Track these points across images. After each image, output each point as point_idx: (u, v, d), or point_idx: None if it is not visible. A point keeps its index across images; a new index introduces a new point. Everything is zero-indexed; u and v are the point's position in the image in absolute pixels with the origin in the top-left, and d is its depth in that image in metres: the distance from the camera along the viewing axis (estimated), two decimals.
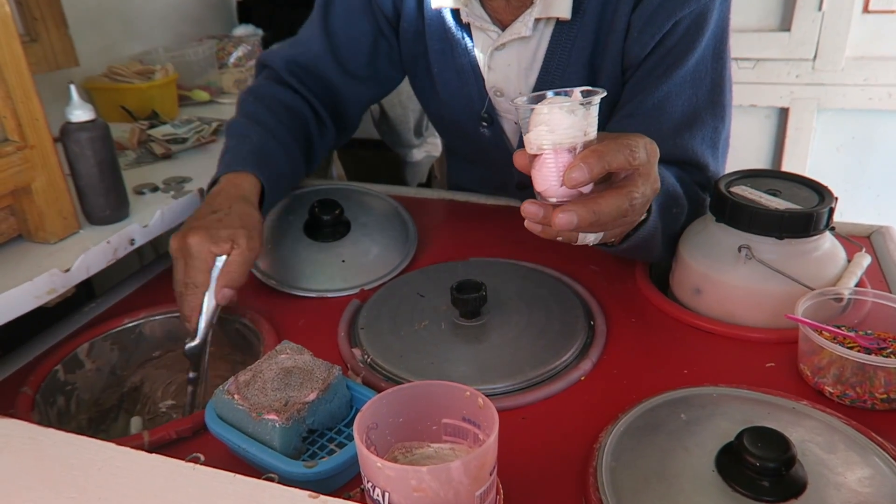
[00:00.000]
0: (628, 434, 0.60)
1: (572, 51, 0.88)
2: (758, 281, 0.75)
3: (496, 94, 0.96)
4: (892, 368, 0.62)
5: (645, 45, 0.82)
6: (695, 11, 0.80)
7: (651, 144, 0.63)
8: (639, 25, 0.82)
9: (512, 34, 0.89)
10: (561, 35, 0.88)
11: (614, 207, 0.59)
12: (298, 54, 1.02)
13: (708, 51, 0.83)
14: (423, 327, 0.78)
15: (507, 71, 0.93)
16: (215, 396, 0.61)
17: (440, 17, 0.95)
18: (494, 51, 0.92)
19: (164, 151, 1.16)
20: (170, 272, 0.96)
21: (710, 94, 0.84)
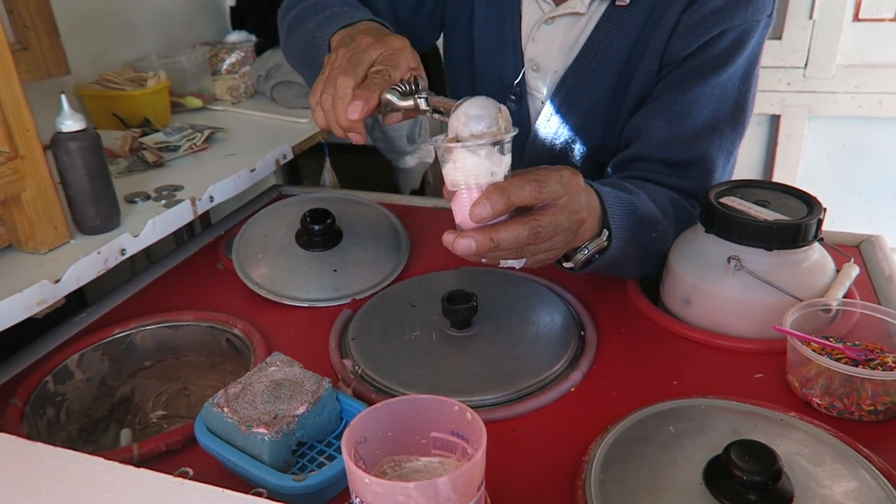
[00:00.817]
0: (617, 446, 0.60)
1: (617, 36, 0.89)
2: (747, 292, 0.75)
3: (532, 67, 0.97)
4: (880, 380, 0.62)
5: (689, 44, 0.85)
6: (741, 27, 0.83)
7: (572, 178, 0.66)
8: (688, 24, 0.84)
9: (566, 8, 0.90)
10: (610, 19, 0.89)
11: (513, 235, 0.61)
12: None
13: (740, 69, 0.86)
14: (414, 338, 0.78)
15: (550, 46, 0.94)
16: (205, 409, 0.61)
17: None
18: (543, 23, 0.93)
19: (156, 159, 1.16)
20: (161, 281, 0.97)
21: (732, 110, 0.87)
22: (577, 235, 0.69)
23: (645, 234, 0.79)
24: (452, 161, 0.60)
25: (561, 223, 0.64)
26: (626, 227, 0.75)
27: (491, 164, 0.60)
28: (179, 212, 0.97)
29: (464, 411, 0.50)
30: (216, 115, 1.52)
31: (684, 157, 0.87)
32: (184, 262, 1.03)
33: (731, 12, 0.83)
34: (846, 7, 1.71)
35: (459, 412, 0.51)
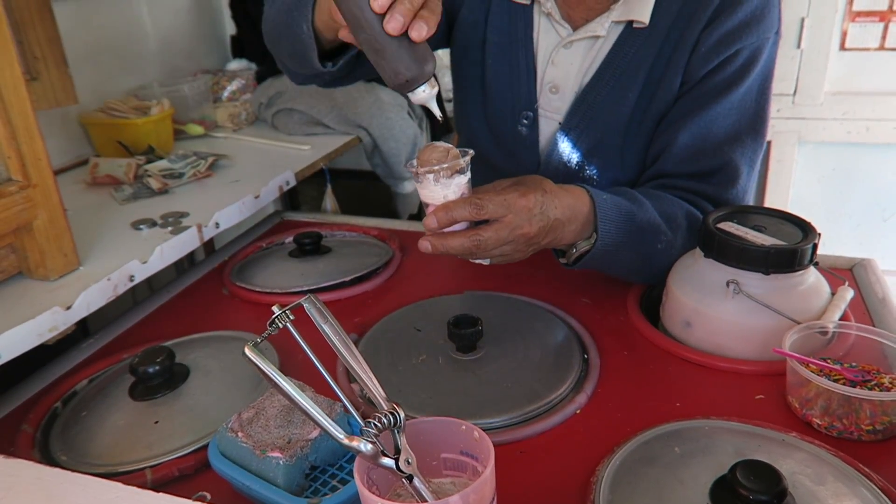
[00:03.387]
0: (624, 467, 0.61)
1: (636, 57, 0.93)
2: (746, 315, 0.77)
3: (551, 90, 0.99)
4: (878, 401, 0.64)
5: (708, 63, 0.90)
6: (754, 44, 0.89)
7: (517, 199, 0.75)
8: (707, 44, 0.89)
9: (586, 32, 0.93)
10: (628, 39, 0.93)
11: (458, 244, 0.74)
12: None
13: (755, 84, 0.92)
14: (420, 361, 0.80)
15: (569, 69, 0.97)
16: (218, 434, 0.62)
17: (507, 9, 0.99)
18: (562, 47, 0.96)
19: (161, 186, 1.17)
20: (165, 308, 0.98)
21: (752, 120, 0.93)
22: (536, 244, 0.79)
23: (644, 242, 0.85)
24: (419, 185, 0.76)
25: (502, 237, 0.75)
26: (618, 232, 0.82)
27: (442, 187, 0.74)
28: (186, 238, 0.99)
29: (471, 430, 0.51)
30: (218, 142, 1.54)
31: (709, 166, 0.92)
32: (188, 289, 1.04)
33: (745, 31, 0.88)
34: (833, 37, 1.76)
35: (467, 431, 0.52)
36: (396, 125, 1.71)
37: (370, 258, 1.05)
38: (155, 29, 1.65)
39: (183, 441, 0.68)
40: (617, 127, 0.97)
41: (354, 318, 0.91)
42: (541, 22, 0.98)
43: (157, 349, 0.76)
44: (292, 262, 1.05)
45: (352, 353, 0.53)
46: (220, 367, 0.80)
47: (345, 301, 0.96)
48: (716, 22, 0.88)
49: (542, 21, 0.98)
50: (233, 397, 0.74)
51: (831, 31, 1.76)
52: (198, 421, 0.71)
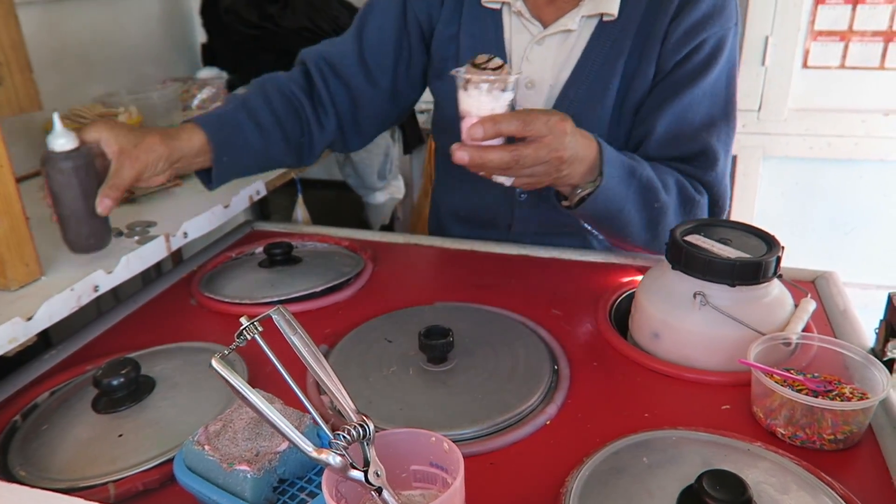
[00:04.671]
0: (593, 478, 0.62)
1: (612, 49, 0.97)
2: (712, 326, 0.78)
3: (527, 86, 1.03)
4: (839, 410, 0.65)
5: (677, 53, 0.96)
6: (718, 34, 0.96)
7: (558, 122, 0.79)
8: (675, 35, 0.96)
9: (558, 27, 0.98)
10: (602, 33, 0.97)
11: (498, 157, 0.77)
12: (329, 52, 1.11)
13: (724, 73, 0.99)
14: (391, 373, 0.79)
15: (543, 64, 1.01)
16: (185, 447, 0.61)
17: (477, 16, 1.04)
18: (535, 44, 1.00)
19: (128, 195, 1.15)
20: (131, 319, 0.96)
21: (723, 108, 1.00)
22: (560, 172, 0.83)
23: (641, 197, 0.92)
24: (465, 93, 0.77)
25: (541, 157, 0.79)
26: (620, 180, 0.89)
27: (491, 99, 0.76)
28: (153, 248, 0.97)
29: (441, 442, 0.51)
30: None
31: (690, 150, 0.98)
32: (155, 300, 1.02)
33: (709, 22, 0.96)
34: (796, 55, 1.81)
35: (437, 443, 0.52)
36: None
37: (341, 269, 1.04)
38: (123, 36, 1.63)
39: (148, 455, 0.66)
40: (600, 122, 1.01)
41: (325, 328, 0.90)
42: (511, 22, 1.02)
43: (122, 361, 0.75)
44: (262, 272, 1.04)
45: (321, 365, 0.53)
46: (188, 379, 0.79)
47: (315, 312, 0.96)
48: (682, 14, 0.95)
49: (512, 21, 1.02)
50: (200, 410, 0.73)
51: (794, 50, 1.81)
52: (163, 434, 0.69)
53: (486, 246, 1.14)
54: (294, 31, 1.71)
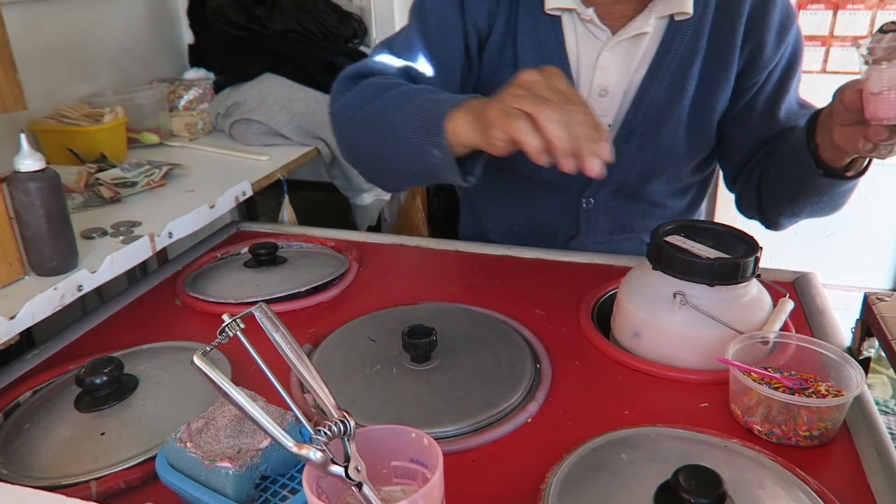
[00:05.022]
0: (573, 474, 0.62)
1: (687, 49, 0.96)
2: (692, 325, 0.79)
3: (600, 94, 1.00)
4: (814, 407, 0.67)
5: (777, 53, 0.97)
6: (798, 28, 0.99)
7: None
8: (772, 37, 0.96)
9: (633, 30, 0.95)
10: (676, 33, 0.96)
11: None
12: (409, 66, 0.99)
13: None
14: (374, 371, 0.80)
15: (616, 69, 0.98)
16: (167, 445, 0.62)
17: (534, 24, 0.98)
18: (606, 50, 0.97)
19: (113, 195, 1.15)
20: (116, 319, 0.96)
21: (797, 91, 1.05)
22: None
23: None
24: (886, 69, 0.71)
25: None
26: None
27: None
28: (138, 248, 0.97)
29: (421, 438, 0.52)
30: (174, 152, 1.53)
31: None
32: (139, 299, 1.02)
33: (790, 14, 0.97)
34: None
35: (417, 439, 0.52)
36: None
37: (326, 269, 1.05)
38: (109, 36, 1.63)
39: (130, 453, 0.66)
40: (678, 124, 1.00)
41: (309, 328, 0.91)
42: (576, 29, 0.98)
43: (105, 359, 0.75)
44: (247, 272, 1.05)
45: (303, 362, 0.53)
46: (171, 377, 0.79)
47: (300, 312, 0.96)
48: (764, 16, 0.95)
49: (577, 28, 0.98)
50: (183, 408, 0.73)
51: None
52: (146, 432, 0.69)
53: (471, 247, 1.15)
54: (281, 32, 1.72)
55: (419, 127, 0.81)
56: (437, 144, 0.80)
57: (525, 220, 1.16)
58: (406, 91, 0.89)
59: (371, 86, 0.93)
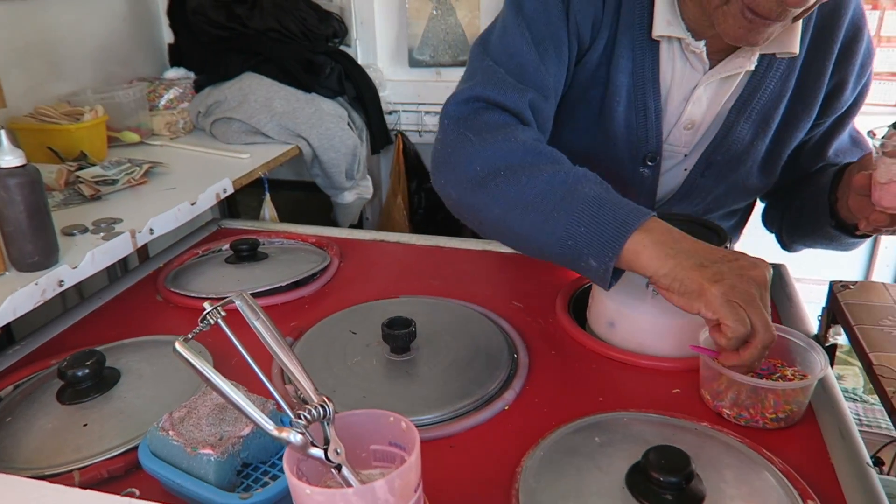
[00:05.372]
0: (548, 458, 0.64)
1: (777, 86, 0.93)
2: (664, 314, 0.81)
3: (686, 126, 0.96)
4: (780, 390, 0.69)
5: (855, 89, 0.96)
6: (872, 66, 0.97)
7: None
8: (852, 78, 0.94)
9: (736, 67, 0.90)
10: (769, 69, 0.92)
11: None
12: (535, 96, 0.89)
13: None
14: (355, 363, 0.81)
15: (706, 103, 0.94)
16: (149, 434, 0.62)
17: (631, 48, 0.91)
18: (703, 84, 0.92)
19: (93, 192, 1.16)
20: (97, 315, 0.97)
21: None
22: None
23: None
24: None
25: None
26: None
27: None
28: (119, 244, 0.98)
29: (399, 421, 0.53)
30: (154, 150, 1.53)
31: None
32: (120, 295, 1.03)
33: (870, 55, 0.95)
34: None
35: (395, 422, 0.54)
36: (336, 136, 1.73)
37: (307, 264, 1.06)
38: (89, 35, 1.63)
39: (113, 443, 0.67)
40: (753, 162, 0.98)
41: (291, 322, 0.92)
42: (675, 57, 0.92)
43: (87, 353, 0.76)
44: (229, 268, 1.06)
45: (283, 348, 0.54)
46: (153, 370, 0.80)
47: (281, 306, 0.97)
48: (851, 54, 0.92)
49: (676, 56, 0.92)
50: (165, 400, 0.74)
51: None
52: (128, 423, 0.70)
53: (451, 242, 1.17)
54: (262, 31, 1.72)
55: (588, 234, 0.74)
56: (600, 259, 0.74)
57: None
58: (565, 173, 0.79)
59: (514, 145, 0.83)
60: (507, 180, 0.80)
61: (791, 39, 0.87)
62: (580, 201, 0.75)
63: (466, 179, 0.83)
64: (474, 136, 0.84)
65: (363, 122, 1.91)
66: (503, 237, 0.86)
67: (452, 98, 0.90)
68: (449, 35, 2.08)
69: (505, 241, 0.87)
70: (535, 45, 0.89)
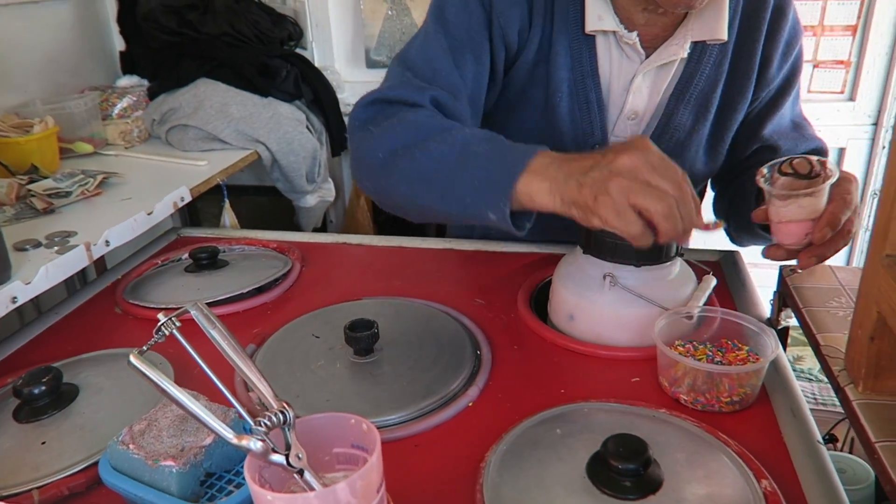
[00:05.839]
0: (511, 451, 0.65)
1: (712, 72, 0.96)
2: (621, 305, 0.83)
3: (630, 117, 0.99)
4: (734, 374, 0.71)
5: (780, 71, 0.99)
6: (801, 46, 1.01)
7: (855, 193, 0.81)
8: (776, 56, 0.97)
9: (668, 56, 0.93)
10: (702, 56, 0.95)
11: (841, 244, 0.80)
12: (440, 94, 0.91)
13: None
14: (318, 367, 0.81)
15: (646, 92, 0.97)
16: (109, 448, 0.62)
17: (568, 44, 0.94)
18: (641, 74, 0.95)
19: (46, 206, 1.13)
20: (54, 330, 0.95)
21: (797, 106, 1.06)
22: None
23: None
24: (797, 203, 0.77)
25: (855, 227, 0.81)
26: None
27: (821, 200, 0.77)
28: (74, 257, 0.96)
29: (360, 423, 0.54)
30: (109, 160, 1.50)
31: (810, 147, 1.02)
32: (79, 309, 1.01)
33: (797, 33, 0.99)
34: None
35: (356, 424, 0.54)
36: (295, 139, 1.72)
37: (269, 270, 1.05)
38: (36, 45, 1.60)
39: (73, 459, 0.66)
40: (698, 147, 1.01)
41: (254, 328, 0.91)
42: (611, 50, 0.95)
43: (44, 369, 0.74)
44: (188, 277, 1.05)
45: (241, 356, 0.54)
46: (113, 384, 0.79)
47: (243, 313, 0.96)
48: (776, 31, 0.96)
49: (612, 50, 0.95)
50: (126, 414, 0.73)
51: None
52: (88, 439, 0.69)
53: (414, 241, 1.17)
54: (215, 36, 1.71)
55: (480, 189, 0.78)
56: (497, 209, 0.77)
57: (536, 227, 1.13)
58: (453, 140, 0.83)
59: (404, 126, 0.86)
60: (405, 159, 0.84)
61: (719, 26, 0.92)
62: (470, 162, 0.80)
63: (374, 168, 0.88)
64: (374, 128, 0.88)
65: (322, 124, 1.91)
66: (421, 213, 0.90)
67: (358, 103, 0.93)
68: (405, 35, 2.08)
69: (425, 217, 0.92)
70: (452, 52, 0.92)
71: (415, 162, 0.83)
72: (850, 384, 0.70)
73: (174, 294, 1.00)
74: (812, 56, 2.12)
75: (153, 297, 0.99)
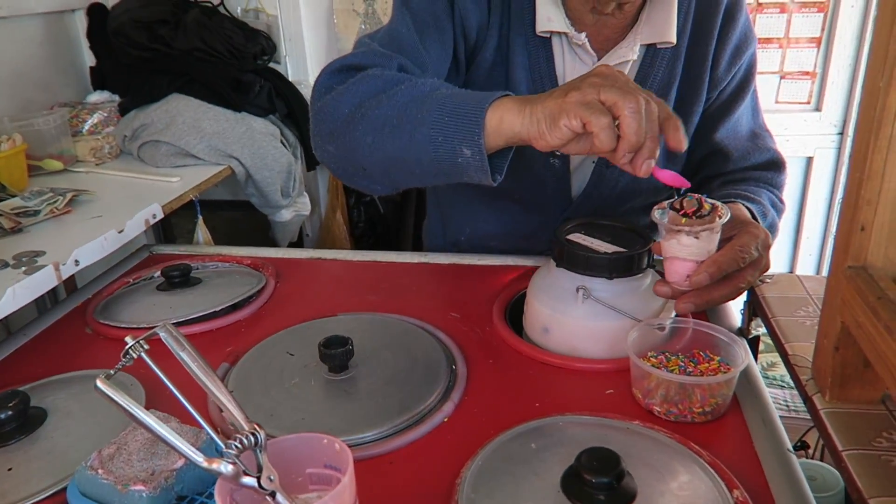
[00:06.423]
0: (486, 466, 0.65)
1: (664, 75, 0.98)
2: (595, 317, 0.84)
3: None
4: (706, 385, 0.72)
5: (728, 74, 1.01)
6: (753, 52, 1.02)
7: (766, 240, 0.80)
8: (725, 58, 0.99)
9: (618, 58, 0.95)
10: (654, 59, 0.97)
11: (721, 296, 0.78)
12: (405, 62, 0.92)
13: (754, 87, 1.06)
14: (293, 385, 0.81)
15: None
16: (78, 473, 0.61)
17: (525, 46, 0.96)
18: None
19: (14, 225, 1.12)
20: (23, 351, 0.93)
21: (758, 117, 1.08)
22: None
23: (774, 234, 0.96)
24: (675, 240, 0.76)
25: (752, 281, 0.80)
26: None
27: (707, 243, 0.75)
28: (42, 278, 0.95)
29: (332, 443, 0.54)
30: (79, 178, 1.48)
31: (763, 158, 1.04)
32: (48, 330, 0.99)
33: (747, 39, 1.01)
34: None
35: (329, 444, 0.54)
36: (269, 154, 1.71)
37: (242, 287, 1.04)
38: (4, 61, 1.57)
39: (40, 486, 0.65)
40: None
41: (227, 347, 0.91)
42: (564, 52, 0.98)
43: (10, 393, 0.73)
44: (161, 295, 1.03)
45: (211, 378, 0.54)
46: (82, 408, 0.77)
47: (217, 332, 0.95)
48: (725, 35, 0.98)
49: (565, 51, 0.98)
50: (95, 437, 0.72)
51: None
52: (57, 464, 0.68)
53: (389, 256, 1.17)
54: (187, 51, 1.70)
55: (450, 125, 0.77)
56: (470, 142, 0.76)
57: (503, 235, 1.15)
58: (421, 85, 0.84)
59: (370, 79, 0.86)
60: (371, 107, 0.83)
61: (668, 30, 0.95)
62: (438, 102, 0.79)
63: (339, 124, 0.86)
64: (340, 86, 0.88)
65: (297, 138, 1.90)
66: (386, 173, 0.87)
67: (323, 70, 0.92)
68: None
69: (391, 180, 0.89)
70: (418, 31, 0.94)
71: (381, 108, 0.83)
72: (817, 393, 0.71)
73: (146, 313, 0.98)
74: (779, 67, 2.17)
75: (124, 317, 0.97)
